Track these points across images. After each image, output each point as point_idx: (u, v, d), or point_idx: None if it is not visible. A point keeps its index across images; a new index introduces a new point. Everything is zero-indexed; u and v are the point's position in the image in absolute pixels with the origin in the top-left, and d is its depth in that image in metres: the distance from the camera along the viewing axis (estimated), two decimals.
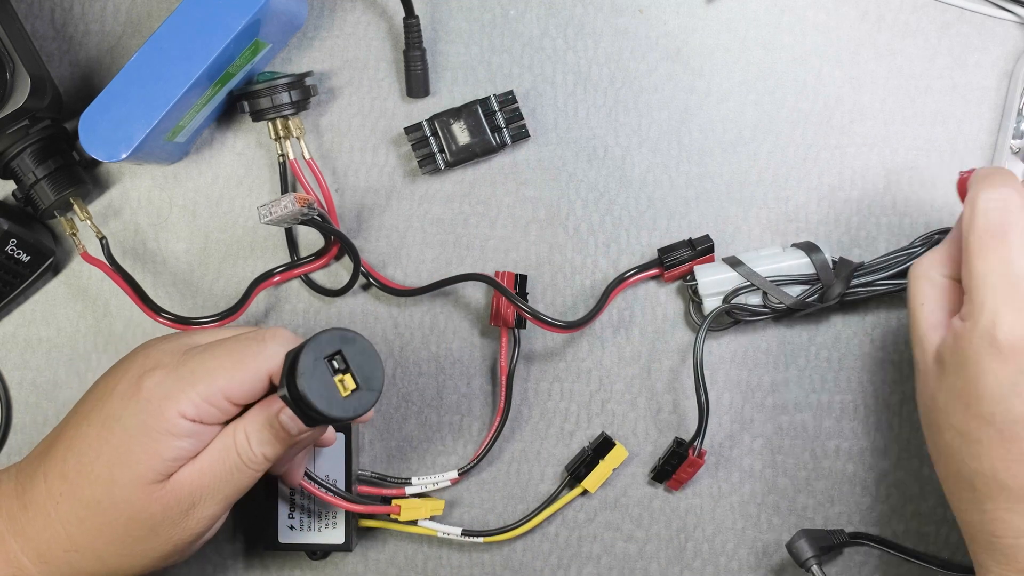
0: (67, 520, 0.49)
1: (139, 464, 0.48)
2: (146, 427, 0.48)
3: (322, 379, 0.48)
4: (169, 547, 0.51)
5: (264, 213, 0.54)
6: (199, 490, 0.50)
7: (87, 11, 0.62)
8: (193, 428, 0.49)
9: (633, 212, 0.62)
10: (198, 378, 0.49)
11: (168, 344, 0.52)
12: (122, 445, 0.49)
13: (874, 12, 0.62)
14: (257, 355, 0.49)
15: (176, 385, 0.49)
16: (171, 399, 0.48)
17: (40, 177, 0.58)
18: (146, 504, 0.49)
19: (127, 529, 0.49)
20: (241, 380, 0.49)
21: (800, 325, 0.62)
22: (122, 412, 0.49)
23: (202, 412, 0.49)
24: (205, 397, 0.49)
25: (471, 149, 0.61)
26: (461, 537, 0.60)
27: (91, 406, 0.51)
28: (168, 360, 0.50)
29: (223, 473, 0.50)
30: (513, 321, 0.60)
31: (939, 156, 0.62)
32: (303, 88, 0.60)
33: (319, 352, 0.48)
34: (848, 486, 0.62)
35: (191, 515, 0.50)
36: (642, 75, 0.62)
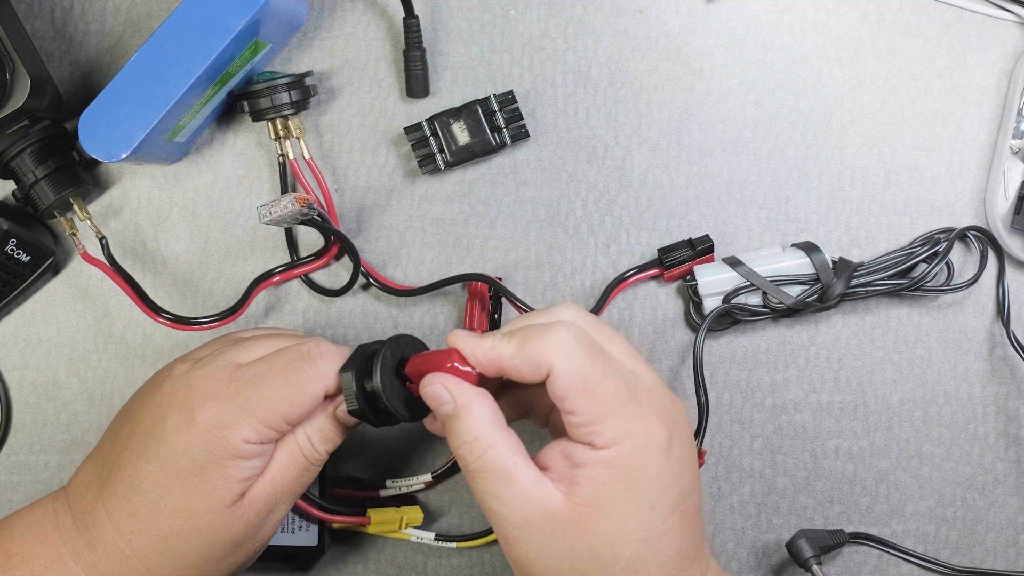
0: (144, 556, 0.49)
1: (215, 491, 0.49)
2: (214, 456, 0.48)
3: (396, 387, 0.50)
4: (249, 554, 0.52)
5: (264, 213, 0.54)
6: (274, 498, 0.51)
7: (87, 11, 0.62)
8: (258, 449, 0.49)
9: (633, 212, 0.62)
10: (255, 406, 0.49)
11: (208, 369, 0.51)
12: (193, 477, 0.49)
13: (874, 12, 0.62)
14: (312, 379, 0.50)
15: (235, 415, 0.48)
16: (232, 428, 0.48)
17: (40, 177, 0.58)
18: (229, 525, 0.50)
19: (212, 551, 0.50)
20: (299, 404, 0.49)
21: (800, 325, 0.62)
22: (185, 447, 0.48)
23: (264, 436, 0.49)
24: (265, 424, 0.49)
25: (471, 149, 0.61)
26: (434, 542, 0.60)
27: (143, 442, 0.50)
28: (216, 388, 0.49)
29: (294, 477, 0.51)
30: (487, 324, 0.60)
31: (939, 156, 0.62)
32: (303, 88, 0.60)
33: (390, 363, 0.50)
34: (848, 486, 0.62)
35: (268, 521, 0.51)
36: (642, 75, 0.62)
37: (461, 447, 0.47)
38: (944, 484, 0.62)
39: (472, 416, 0.47)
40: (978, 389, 0.62)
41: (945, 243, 0.60)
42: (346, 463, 0.62)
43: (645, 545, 0.46)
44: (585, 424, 0.46)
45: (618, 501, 0.46)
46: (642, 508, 0.46)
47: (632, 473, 0.46)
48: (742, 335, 0.62)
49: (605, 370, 0.46)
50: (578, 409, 0.46)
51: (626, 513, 0.46)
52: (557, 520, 0.46)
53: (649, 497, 0.46)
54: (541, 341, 0.46)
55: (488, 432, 0.47)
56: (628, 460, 0.46)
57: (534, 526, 0.46)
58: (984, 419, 0.62)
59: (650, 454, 0.46)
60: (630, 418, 0.46)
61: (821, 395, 0.62)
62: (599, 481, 0.45)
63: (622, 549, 0.46)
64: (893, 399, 0.62)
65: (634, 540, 0.46)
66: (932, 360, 0.62)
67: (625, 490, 0.46)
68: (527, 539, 0.46)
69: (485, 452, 0.46)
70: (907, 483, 0.62)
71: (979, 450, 0.62)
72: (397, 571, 0.62)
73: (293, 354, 0.50)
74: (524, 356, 0.46)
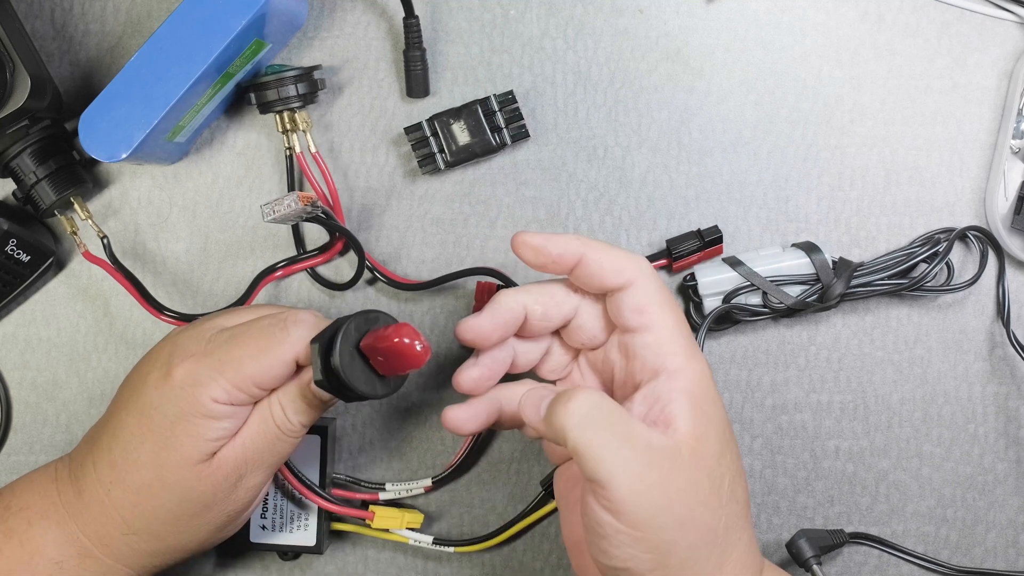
0: (120, 506, 0.51)
1: (183, 447, 0.50)
2: (183, 413, 0.50)
3: (358, 363, 0.49)
4: (223, 519, 0.53)
5: (267, 211, 0.54)
6: (244, 463, 0.51)
7: (87, 11, 0.62)
8: (228, 410, 0.50)
9: (633, 212, 0.62)
10: (225, 366, 0.50)
11: (194, 330, 0.53)
12: (164, 431, 0.50)
13: (874, 12, 0.62)
14: (282, 342, 0.50)
15: (205, 373, 0.50)
16: (202, 386, 0.49)
17: (40, 177, 0.58)
18: (195, 483, 0.50)
19: (180, 508, 0.51)
20: (268, 367, 0.50)
21: (800, 325, 0.62)
22: (158, 400, 0.50)
23: (233, 397, 0.50)
24: (234, 383, 0.50)
25: (471, 149, 0.61)
26: (432, 546, 0.60)
27: (127, 396, 0.52)
28: (195, 347, 0.51)
29: (265, 444, 0.51)
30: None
31: (939, 156, 0.62)
32: (311, 81, 0.60)
33: (352, 337, 0.49)
34: (848, 486, 0.62)
35: (239, 487, 0.52)
36: (642, 75, 0.62)
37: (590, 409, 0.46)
38: (944, 484, 0.62)
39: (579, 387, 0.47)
40: (978, 389, 0.62)
41: (945, 243, 0.60)
42: (346, 464, 0.62)
43: (735, 463, 0.48)
44: (660, 343, 0.47)
45: (711, 423, 0.47)
46: (726, 427, 0.48)
47: (707, 396, 0.48)
48: (742, 335, 0.62)
49: (672, 299, 0.49)
50: (656, 323, 0.48)
51: (720, 432, 0.48)
52: (675, 458, 0.46)
53: (723, 416, 0.49)
54: (624, 253, 0.49)
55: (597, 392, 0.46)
56: (701, 383, 0.48)
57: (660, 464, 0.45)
58: (984, 419, 0.62)
59: (708, 379, 0.49)
60: (690, 345, 0.48)
61: (821, 395, 0.62)
62: (692, 408, 0.47)
63: (724, 468, 0.47)
64: (893, 399, 0.62)
65: (729, 458, 0.48)
66: (932, 360, 0.62)
67: (711, 412, 0.48)
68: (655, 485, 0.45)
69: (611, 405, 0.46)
70: (907, 483, 0.62)
71: (979, 450, 0.62)
72: (396, 571, 0.62)
73: (270, 320, 0.51)
74: (611, 258, 0.49)
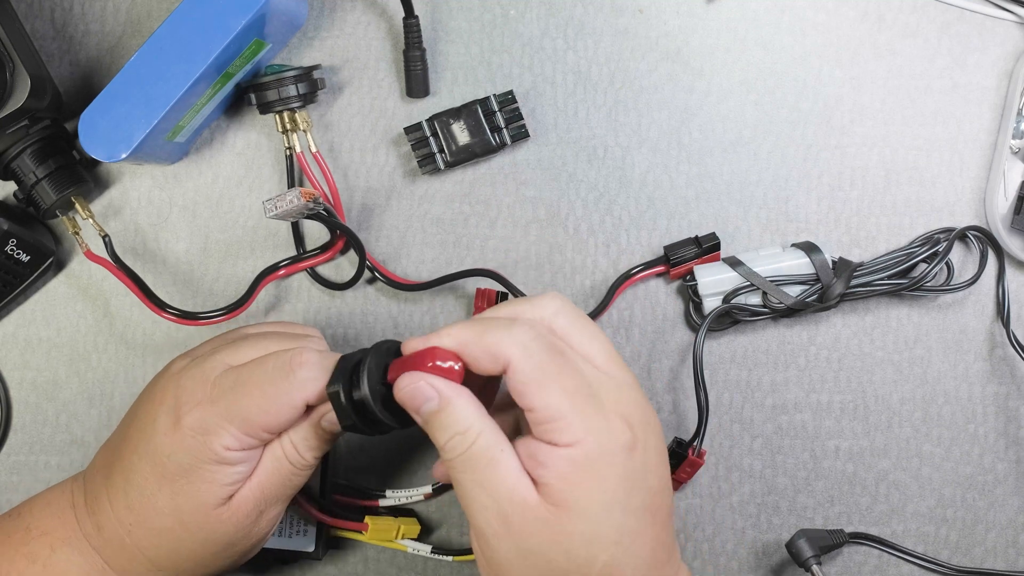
0: (143, 546, 0.51)
1: (200, 494, 0.49)
2: (197, 461, 0.49)
3: (383, 396, 0.48)
4: (245, 549, 0.53)
5: (270, 207, 0.54)
6: (262, 501, 0.51)
7: (87, 11, 0.62)
8: (240, 456, 0.50)
9: (633, 212, 0.62)
10: (234, 415, 0.49)
11: (198, 369, 0.51)
12: (180, 479, 0.49)
13: (874, 12, 0.62)
14: (289, 390, 0.49)
15: (215, 422, 0.49)
16: (212, 435, 0.49)
17: (41, 177, 0.58)
18: (216, 526, 0.50)
19: (204, 548, 0.51)
20: (276, 415, 0.49)
21: (800, 325, 0.62)
22: (170, 448, 0.49)
23: (244, 444, 0.49)
24: (244, 431, 0.49)
25: (471, 149, 0.61)
26: (431, 555, 0.60)
27: (136, 438, 0.51)
28: (200, 392, 0.50)
29: (280, 481, 0.51)
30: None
31: (939, 156, 0.62)
32: (311, 81, 0.60)
33: (376, 373, 0.48)
34: (848, 486, 0.62)
35: (259, 522, 0.52)
36: (642, 75, 0.62)
37: (452, 439, 0.45)
38: (944, 484, 0.62)
39: (459, 406, 0.46)
40: (978, 389, 0.62)
41: (945, 243, 0.60)
42: (348, 470, 0.62)
43: (619, 547, 0.45)
44: (544, 421, 0.45)
45: (589, 501, 0.45)
46: (614, 509, 0.45)
47: (598, 472, 0.45)
48: (742, 335, 0.62)
49: (563, 368, 0.45)
50: (536, 405, 0.45)
51: (599, 513, 0.45)
52: (536, 516, 0.44)
53: (618, 497, 0.45)
54: (502, 333, 0.45)
55: (477, 419, 0.45)
56: (592, 459, 0.44)
57: (514, 521, 0.45)
58: (984, 419, 0.62)
59: (613, 453, 0.45)
60: (591, 416, 0.45)
61: (821, 395, 0.62)
62: (567, 480, 0.44)
63: (598, 552, 0.45)
64: (893, 399, 0.62)
65: (609, 542, 0.45)
66: (932, 360, 0.62)
67: (594, 490, 0.45)
68: (506, 536, 0.45)
69: (476, 439, 0.45)
70: (907, 483, 0.62)
71: (979, 450, 0.62)
72: (396, 573, 0.62)
73: (275, 362, 0.50)
74: (483, 345, 0.46)
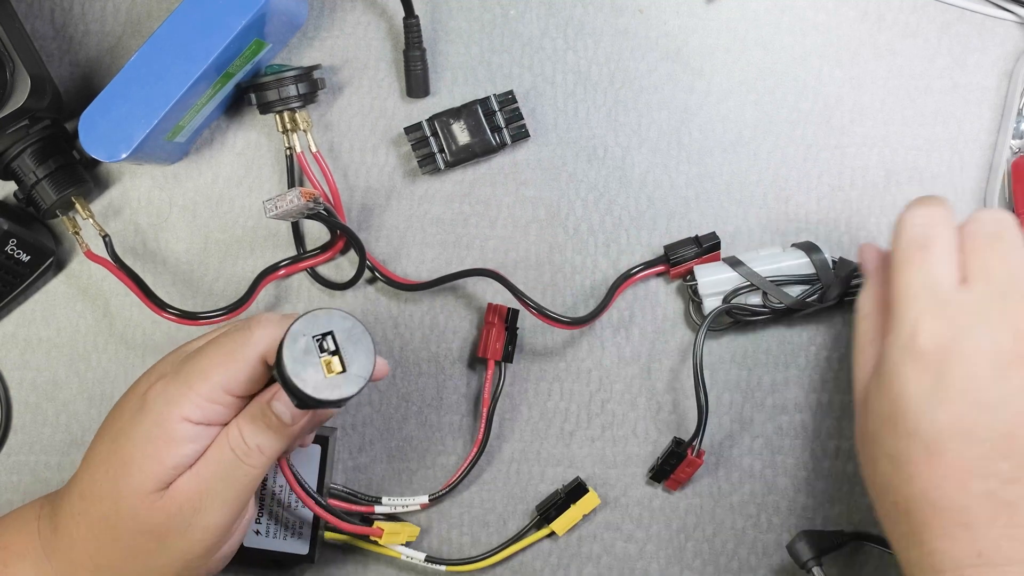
0: (86, 538, 0.50)
1: (140, 473, 0.49)
2: (150, 436, 0.49)
3: (307, 359, 0.46)
4: (181, 562, 0.50)
5: (270, 207, 0.54)
6: (199, 494, 0.49)
7: (87, 11, 0.62)
8: (197, 432, 0.49)
9: (633, 212, 0.62)
10: (195, 379, 0.49)
11: (169, 356, 0.53)
12: (126, 456, 0.49)
13: (874, 12, 0.62)
14: (245, 343, 0.49)
15: (177, 391, 0.49)
16: (173, 404, 0.49)
17: (41, 177, 0.58)
18: (149, 514, 0.49)
19: (136, 542, 0.49)
20: (235, 371, 0.49)
21: (800, 325, 0.62)
22: (130, 426, 0.49)
23: (206, 412, 0.49)
24: (205, 396, 0.49)
25: (471, 149, 0.61)
26: (424, 563, 0.60)
27: (105, 426, 0.52)
28: (168, 370, 0.51)
29: (220, 472, 0.49)
30: (501, 354, 0.60)
31: (939, 156, 0.62)
32: (311, 81, 0.60)
33: (308, 330, 0.46)
34: (848, 486, 0.62)
35: (195, 523, 0.49)
36: (642, 75, 0.62)
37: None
38: None
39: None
40: None
41: None
42: (346, 463, 0.62)
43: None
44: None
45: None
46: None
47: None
48: (742, 335, 0.62)
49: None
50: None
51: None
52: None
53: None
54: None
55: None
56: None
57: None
58: None
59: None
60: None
61: (821, 395, 0.62)
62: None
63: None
64: None
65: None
66: None
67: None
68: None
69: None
70: None
71: None
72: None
73: (233, 326, 0.51)
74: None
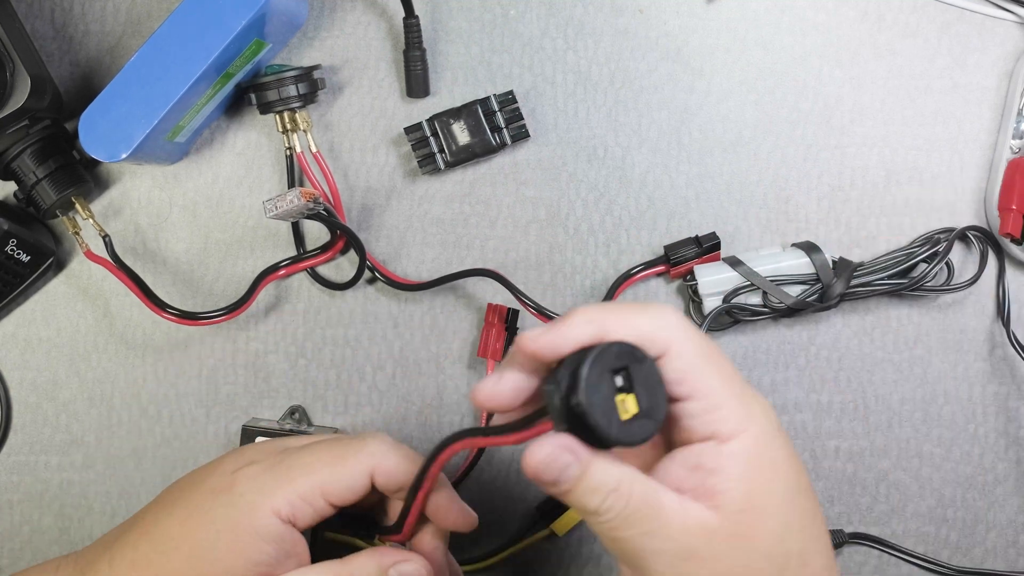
0: None
1: (221, 563, 0.45)
2: (236, 524, 0.45)
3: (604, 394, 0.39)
4: None
5: (270, 207, 0.54)
6: None
7: (87, 11, 0.62)
8: (281, 532, 0.45)
9: (633, 212, 0.62)
10: (296, 474, 0.46)
11: (264, 445, 0.50)
12: (206, 540, 0.45)
13: (874, 12, 0.62)
14: (358, 452, 0.46)
15: (272, 481, 0.45)
16: (265, 495, 0.45)
17: (41, 177, 0.58)
18: None
19: None
20: (340, 476, 0.46)
21: (800, 325, 0.62)
22: (211, 506, 0.45)
23: (296, 511, 0.45)
24: (301, 494, 0.45)
25: (471, 149, 0.61)
26: None
27: (176, 497, 0.47)
28: (264, 458, 0.47)
29: None
30: (501, 354, 0.60)
31: (939, 156, 0.62)
32: (311, 81, 0.60)
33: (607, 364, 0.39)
34: (848, 486, 0.62)
35: None
36: (642, 75, 0.62)
37: (606, 500, 0.39)
38: (944, 484, 0.62)
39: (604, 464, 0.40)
40: (978, 389, 0.62)
41: (945, 243, 0.60)
42: None
43: (805, 533, 0.42)
44: (707, 411, 0.40)
45: (770, 494, 0.41)
46: (792, 492, 0.41)
47: (769, 459, 0.41)
48: (742, 335, 0.62)
49: (717, 353, 0.41)
50: (699, 391, 0.40)
51: (781, 503, 0.41)
52: (719, 537, 0.39)
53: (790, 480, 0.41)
54: (656, 314, 0.40)
55: (625, 471, 0.40)
56: (759, 447, 0.40)
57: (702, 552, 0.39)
58: (984, 419, 0.62)
59: (773, 436, 0.41)
60: (748, 401, 0.41)
61: (821, 395, 0.62)
62: (742, 479, 0.40)
63: (791, 544, 0.41)
64: (893, 399, 0.62)
65: (796, 529, 0.41)
66: (932, 360, 0.62)
67: (772, 479, 0.41)
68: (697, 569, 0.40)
69: (632, 490, 0.39)
70: (907, 483, 0.62)
71: (979, 450, 0.62)
72: None
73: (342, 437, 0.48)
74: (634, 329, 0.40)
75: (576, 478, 0.39)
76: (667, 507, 0.39)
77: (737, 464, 0.40)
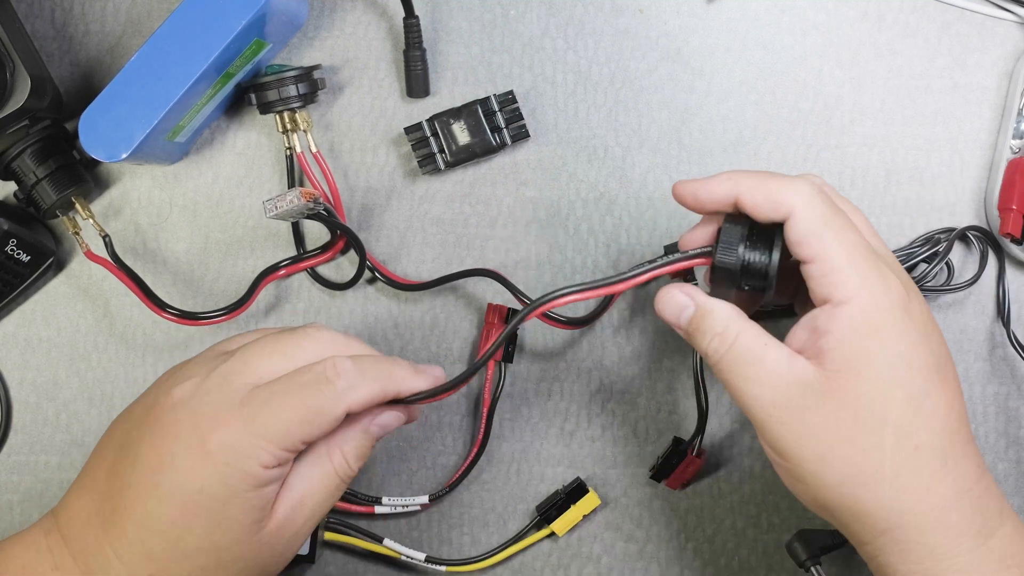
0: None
1: (237, 522, 0.46)
2: (233, 489, 0.46)
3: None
4: (278, 569, 0.50)
5: (270, 207, 0.54)
6: (304, 520, 0.49)
7: (87, 11, 0.62)
8: (277, 472, 0.47)
9: (633, 212, 0.62)
10: (273, 432, 0.46)
11: (220, 394, 0.47)
12: (214, 512, 0.46)
13: (874, 12, 0.62)
14: (333, 401, 0.47)
15: (251, 442, 0.46)
16: (250, 457, 0.46)
17: (41, 177, 0.58)
18: (257, 553, 0.48)
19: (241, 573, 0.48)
20: (319, 426, 0.47)
21: None
22: (200, 482, 0.46)
23: (282, 459, 0.47)
24: (283, 447, 0.46)
25: (471, 149, 0.61)
26: (424, 564, 0.60)
27: (150, 478, 0.46)
28: (227, 414, 0.46)
29: (325, 497, 0.49)
30: (502, 354, 0.60)
31: (939, 156, 0.62)
32: (311, 81, 0.60)
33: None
34: None
35: (296, 539, 0.50)
36: (642, 75, 0.62)
37: (712, 341, 0.47)
38: None
39: (715, 309, 0.47)
40: (978, 389, 0.62)
41: (945, 243, 0.60)
42: (368, 460, 0.62)
43: (909, 405, 0.44)
44: (824, 274, 0.45)
45: (871, 359, 0.44)
46: (898, 364, 0.44)
47: (877, 328, 0.44)
48: None
49: (844, 223, 0.45)
50: (816, 255, 0.45)
51: (882, 370, 0.44)
52: (815, 392, 0.44)
53: (901, 353, 0.44)
54: (784, 182, 0.46)
55: (734, 320, 0.47)
56: (869, 314, 0.44)
57: (793, 402, 0.45)
58: (984, 419, 0.62)
59: (889, 310, 0.45)
60: (867, 271, 0.45)
61: None
62: (846, 342, 0.44)
63: (887, 411, 0.44)
64: None
65: (897, 400, 0.44)
66: None
67: (875, 347, 0.44)
68: (789, 418, 0.45)
69: (736, 339, 0.46)
70: None
71: (979, 450, 0.62)
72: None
73: (310, 376, 0.47)
74: (765, 191, 0.46)
75: (689, 319, 0.48)
76: (770, 358, 0.45)
77: (843, 327, 0.44)
